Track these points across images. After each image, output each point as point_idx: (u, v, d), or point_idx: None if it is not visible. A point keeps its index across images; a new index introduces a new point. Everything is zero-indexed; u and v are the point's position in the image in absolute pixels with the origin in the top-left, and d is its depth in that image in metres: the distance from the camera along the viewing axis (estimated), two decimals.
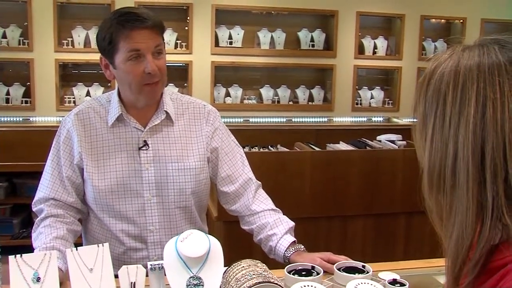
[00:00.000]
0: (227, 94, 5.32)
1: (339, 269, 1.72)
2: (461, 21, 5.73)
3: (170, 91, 2.05)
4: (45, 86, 4.82)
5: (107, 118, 1.92)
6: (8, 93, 4.84)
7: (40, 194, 1.92)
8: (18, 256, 1.41)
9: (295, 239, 1.94)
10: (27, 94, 4.85)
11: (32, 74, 4.80)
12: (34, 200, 1.94)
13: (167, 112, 1.94)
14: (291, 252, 1.88)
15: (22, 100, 4.84)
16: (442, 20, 5.87)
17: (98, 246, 1.51)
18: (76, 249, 1.48)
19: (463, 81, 0.84)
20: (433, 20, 5.80)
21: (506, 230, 0.81)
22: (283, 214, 2.05)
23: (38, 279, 1.41)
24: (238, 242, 2.32)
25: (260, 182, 2.10)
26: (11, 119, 4.76)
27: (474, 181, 0.81)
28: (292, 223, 1.99)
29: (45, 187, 1.92)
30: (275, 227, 1.96)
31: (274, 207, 2.05)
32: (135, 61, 1.79)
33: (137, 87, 1.83)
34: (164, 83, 1.89)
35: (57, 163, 1.92)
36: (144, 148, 1.91)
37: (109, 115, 1.92)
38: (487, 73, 0.82)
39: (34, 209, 1.94)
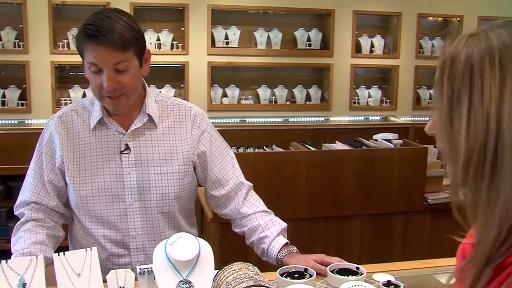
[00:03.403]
0: (224, 95, 5.30)
1: (332, 271, 1.70)
2: (458, 18, 5.70)
3: (155, 93, 2.00)
4: (41, 88, 4.79)
5: (90, 121, 1.89)
6: (4, 96, 4.81)
7: (21, 197, 1.91)
8: (3, 261, 1.40)
9: (287, 240, 1.91)
10: (23, 96, 4.82)
11: (28, 77, 4.77)
12: (16, 204, 1.93)
13: (149, 115, 1.90)
14: (284, 254, 1.86)
15: (18, 103, 4.82)
16: (439, 18, 5.85)
17: (86, 250, 1.49)
18: (64, 254, 1.47)
19: (500, 56, 0.82)
20: (430, 18, 5.78)
21: None
22: (279, 215, 2.02)
23: (24, 285, 1.39)
24: (234, 244, 2.30)
25: (251, 184, 2.07)
26: (7, 121, 4.75)
27: None
28: (284, 224, 1.97)
29: (27, 190, 1.90)
30: (267, 229, 1.94)
31: (266, 209, 2.03)
32: (95, 74, 1.74)
33: (98, 97, 1.82)
34: (130, 97, 1.81)
35: (40, 167, 1.90)
36: (125, 152, 1.87)
37: (91, 118, 1.89)
38: None
39: (15, 213, 1.92)
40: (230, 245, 2.55)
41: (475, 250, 0.85)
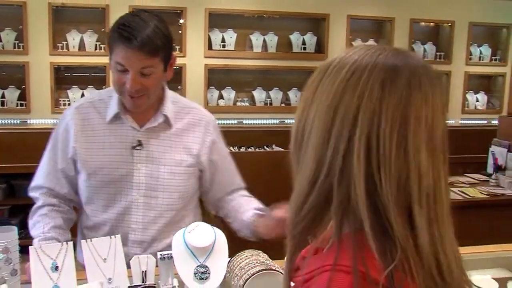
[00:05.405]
0: (220, 97, 5.40)
1: None
2: (450, 24, 5.85)
3: (172, 94, 2.04)
4: (40, 89, 4.86)
5: (106, 114, 1.94)
6: (3, 96, 4.88)
7: (36, 181, 2.00)
8: (37, 247, 1.52)
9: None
10: (22, 97, 4.89)
11: (27, 77, 4.83)
12: (31, 186, 2.01)
13: (166, 116, 1.95)
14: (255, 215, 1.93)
15: (17, 103, 4.88)
16: (431, 23, 6.00)
17: (110, 237, 1.60)
18: (91, 241, 1.57)
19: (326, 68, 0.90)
20: (422, 23, 5.92)
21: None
22: None
23: (56, 268, 1.50)
24: (236, 240, 2.38)
25: (244, 185, 2.17)
26: (7, 121, 4.81)
27: (319, 141, 0.86)
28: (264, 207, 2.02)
29: (40, 176, 1.99)
30: (246, 205, 2.02)
31: (249, 195, 2.12)
32: (120, 73, 1.79)
33: (118, 93, 1.87)
34: (150, 97, 1.87)
35: (54, 154, 1.97)
36: (138, 148, 1.92)
37: (108, 111, 1.94)
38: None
39: (30, 194, 2.01)
40: (232, 240, 2.63)
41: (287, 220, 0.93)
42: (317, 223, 0.88)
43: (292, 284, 0.90)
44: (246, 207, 2.01)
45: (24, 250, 1.57)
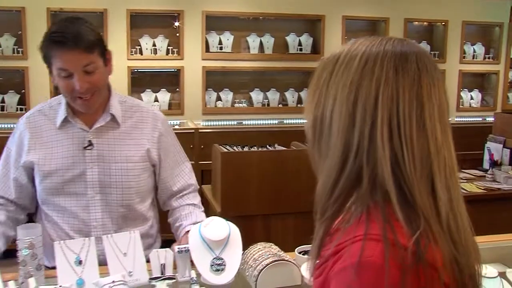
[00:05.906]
0: (218, 98, 5.46)
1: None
2: (443, 23, 5.94)
3: (119, 95, 2.10)
4: (40, 93, 4.88)
5: (56, 120, 1.99)
6: (3, 101, 4.93)
7: None
8: (62, 242, 1.59)
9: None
10: (22, 101, 4.93)
11: (27, 82, 4.88)
12: None
13: (113, 115, 2.00)
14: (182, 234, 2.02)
15: (17, 108, 4.93)
16: (425, 23, 6.08)
17: (130, 233, 1.66)
18: (111, 236, 1.64)
19: (341, 60, 0.96)
20: (416, 22, 6.01)
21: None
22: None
23: (80, 262, 1.56)
24: (248, 234, 2.42)
25: (198, 187, 2.23)
26: (7, 126, 4.84)
27: (344, 127, 0.92)
28: (201, 219, 2.07)
29: None
30: (184, 220, 2.09)
31: (195, 202, 2.18)
32: (66, 79, 1.83)
33: (69, 99, 1.92)
34: (100, 95, 1.94)
35: (7, 162, 2.04)
36: (88, 148, 1.97)
37: (57, 117, 1.99)
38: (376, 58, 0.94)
39: None
40: (245, 233, 2.69)
41: (316, 206, 0.98)
42: (346, 203, 0.95)
43: (316, 261, 0.96)
44: (183, 223, 2.08)
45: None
